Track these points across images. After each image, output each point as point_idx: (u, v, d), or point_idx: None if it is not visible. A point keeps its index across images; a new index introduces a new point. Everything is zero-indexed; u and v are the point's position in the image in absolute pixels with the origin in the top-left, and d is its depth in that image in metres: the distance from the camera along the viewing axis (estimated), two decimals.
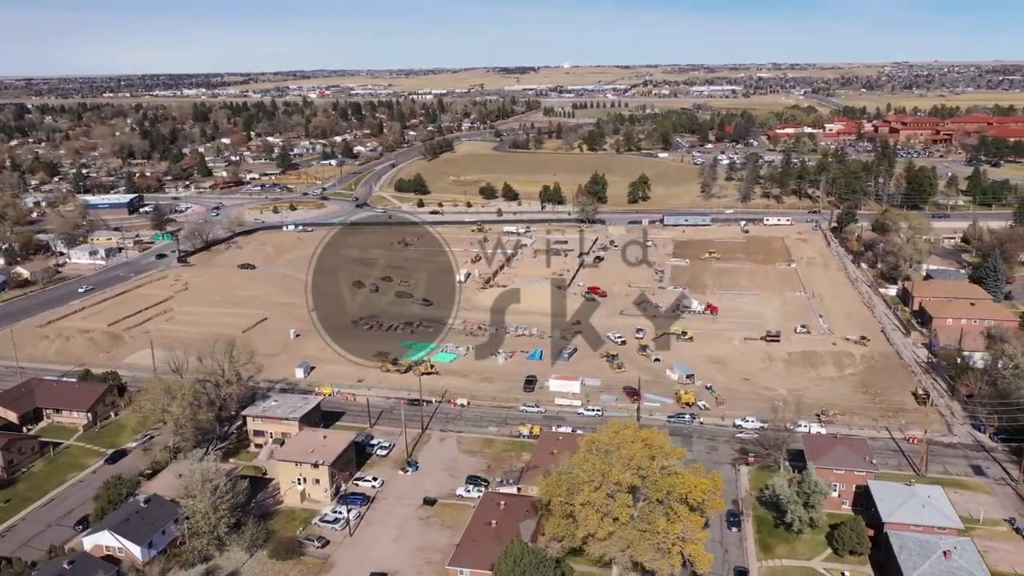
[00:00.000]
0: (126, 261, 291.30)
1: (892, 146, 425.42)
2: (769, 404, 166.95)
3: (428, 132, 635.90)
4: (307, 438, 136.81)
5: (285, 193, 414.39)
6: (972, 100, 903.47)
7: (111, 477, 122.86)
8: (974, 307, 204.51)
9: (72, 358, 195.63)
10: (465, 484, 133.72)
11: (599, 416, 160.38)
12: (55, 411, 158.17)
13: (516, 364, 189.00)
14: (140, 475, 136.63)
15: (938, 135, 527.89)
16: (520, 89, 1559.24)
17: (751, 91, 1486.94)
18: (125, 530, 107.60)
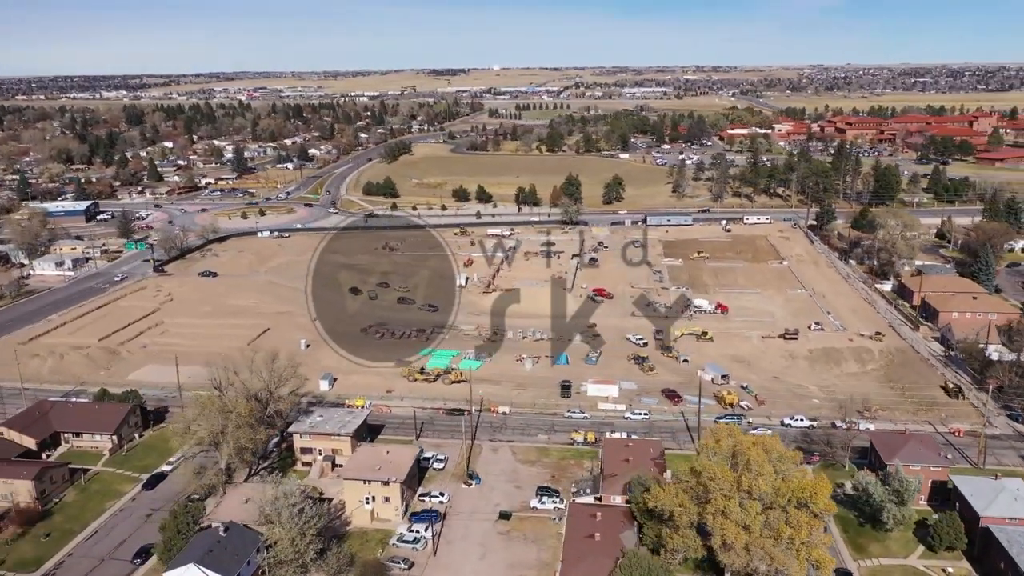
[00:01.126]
0: (96, 272, 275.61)
1: (848, 146, 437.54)
2: (807, 402, 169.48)
3: (380, 135, 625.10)
4: (369, 454, 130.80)
5: (248, 198, 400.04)
6: (893, 101, 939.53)
7: (177, 505, 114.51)
8: (976, 301, 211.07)
9: (70, 376, 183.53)
10: (536, 496, 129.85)
11: (646, 419, 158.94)
12: (75, 435, 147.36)
13: (544, 369, 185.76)
14: (188, 500, 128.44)
15: (882, 135, 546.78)
16: (454, 91, 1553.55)
17: (682, 92, 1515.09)
18: (210, 562, 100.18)
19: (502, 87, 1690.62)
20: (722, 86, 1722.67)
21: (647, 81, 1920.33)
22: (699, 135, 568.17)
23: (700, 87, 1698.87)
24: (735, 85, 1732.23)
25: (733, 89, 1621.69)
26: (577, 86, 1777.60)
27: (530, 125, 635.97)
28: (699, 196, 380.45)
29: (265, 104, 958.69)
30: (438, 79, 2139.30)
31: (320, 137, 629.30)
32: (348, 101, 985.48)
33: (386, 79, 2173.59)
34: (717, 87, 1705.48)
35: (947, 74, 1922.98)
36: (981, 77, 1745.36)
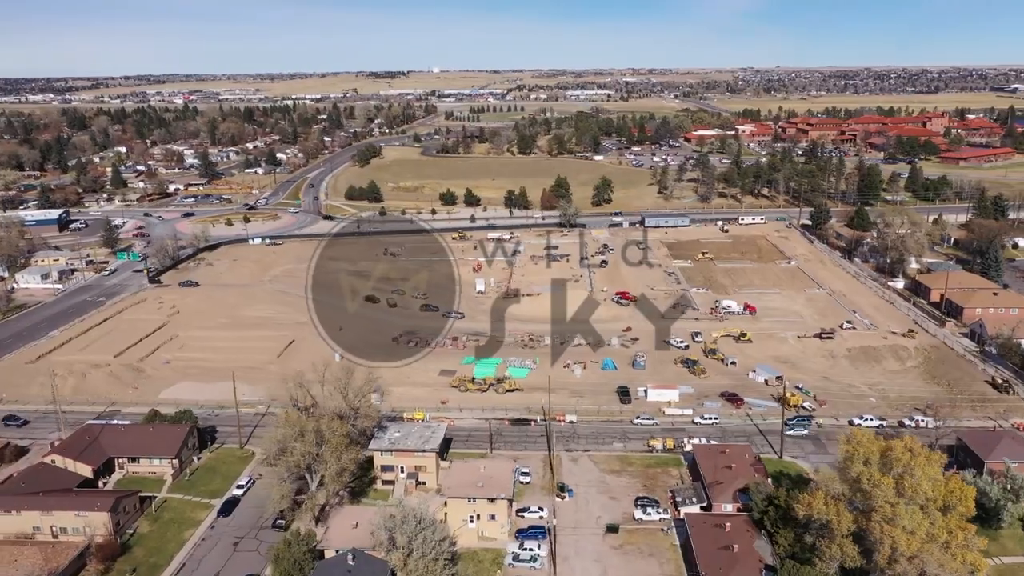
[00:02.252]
0: (86, 284, 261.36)
1: (822, 147, 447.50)
2: (864, 401, 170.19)
3: (344, 138, 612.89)
4: (465, 470, 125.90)
5: (225, 204, 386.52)
6: (831, 102, 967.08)
7: (290, 535, 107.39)
8: (997, 297, 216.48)
9: (96, 396, 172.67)
10: (638, 507, 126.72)
11: (715, 424, 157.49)
12: (130, 460, 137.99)
13: (594, 375, 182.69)
14: (275, 525, 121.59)
15: (843, 135, 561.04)
16: (397, 93, 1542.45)
17: (627, 95, 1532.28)
18: None
19: (446, 90, 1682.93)
20: (662, 88, 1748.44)
21: (588, 84, 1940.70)
22: (666, 137, 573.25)
23: (641, 89, 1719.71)
24: (675, 87, 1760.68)
25: (674, 91, 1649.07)
26: (520, 88, 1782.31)
27: (496, 128, 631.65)
28: (686, 197, 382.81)
29: (213, 107, 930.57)
30: (378, 81, 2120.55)
31: (282, 141, 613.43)
32: (301, 104, 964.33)
33: (325, 82, 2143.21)
34: (657, 89, 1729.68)
35: (874, 76, 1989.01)
36: (906, 79, 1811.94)
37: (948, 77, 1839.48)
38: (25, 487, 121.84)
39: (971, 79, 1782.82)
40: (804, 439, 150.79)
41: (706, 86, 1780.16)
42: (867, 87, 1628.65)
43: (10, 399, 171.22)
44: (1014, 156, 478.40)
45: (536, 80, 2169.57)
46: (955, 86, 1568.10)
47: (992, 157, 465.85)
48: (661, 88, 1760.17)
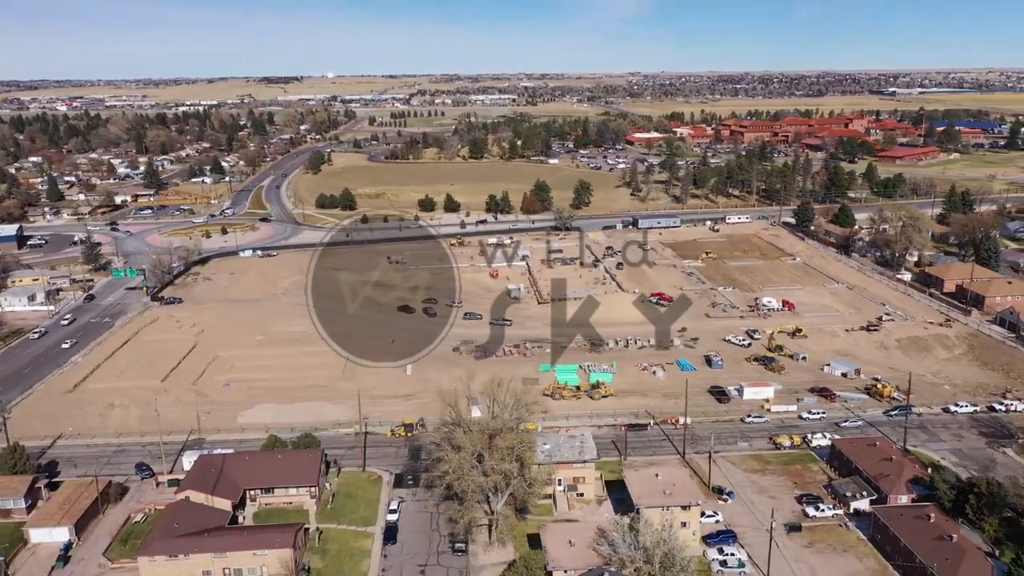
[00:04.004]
0: (79, 305, 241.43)
1: (766, 147, 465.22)
2: (939, 389, 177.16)
3: (282, 145, 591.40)
4: (642, 479, 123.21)
5: (188, 216, 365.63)
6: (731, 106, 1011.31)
7: (519, 558, 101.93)
8: (1011, 285, 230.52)
9: (170, 425, 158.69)
10: (806, 504, 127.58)
11: (823, 418, 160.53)
12: (264, 491, 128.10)
13: (677, 376, 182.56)
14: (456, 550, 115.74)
15: (776, 136, 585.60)
16: (297, 99, 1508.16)
17: (533, 99, 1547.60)
18: None
19: (346, 95, 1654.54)
20: (562, 92, 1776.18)
21: (488, 88, 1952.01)
22: (612, 140, 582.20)
23: (543, 94, 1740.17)
24: (573, 91, 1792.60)
25: (576, 95, 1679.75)
26: (422, 93, 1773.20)
27: (437, 133, 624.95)
28: (660, 199, 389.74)
29: (116, 114, 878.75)
30: (272, 87, 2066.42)
31: (215, 148, 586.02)
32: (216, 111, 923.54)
33: (215, 87, 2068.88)
34: (558, 94, 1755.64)
35: (757, 81, 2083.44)
36: (787, 84, 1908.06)
37: (825, 81, 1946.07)
38: (180, 528, 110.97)
39: (846, 83, 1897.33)
40: (914, 428, 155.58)
41: (603, 90, 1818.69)
42: (754, 91, 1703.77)
43: (74, 432, 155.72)
44: (939, 155, 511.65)
45: (434, 85, 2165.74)
46: (834, 90, 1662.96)
47: (923, 156, 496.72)
48: (561, 92, 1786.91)
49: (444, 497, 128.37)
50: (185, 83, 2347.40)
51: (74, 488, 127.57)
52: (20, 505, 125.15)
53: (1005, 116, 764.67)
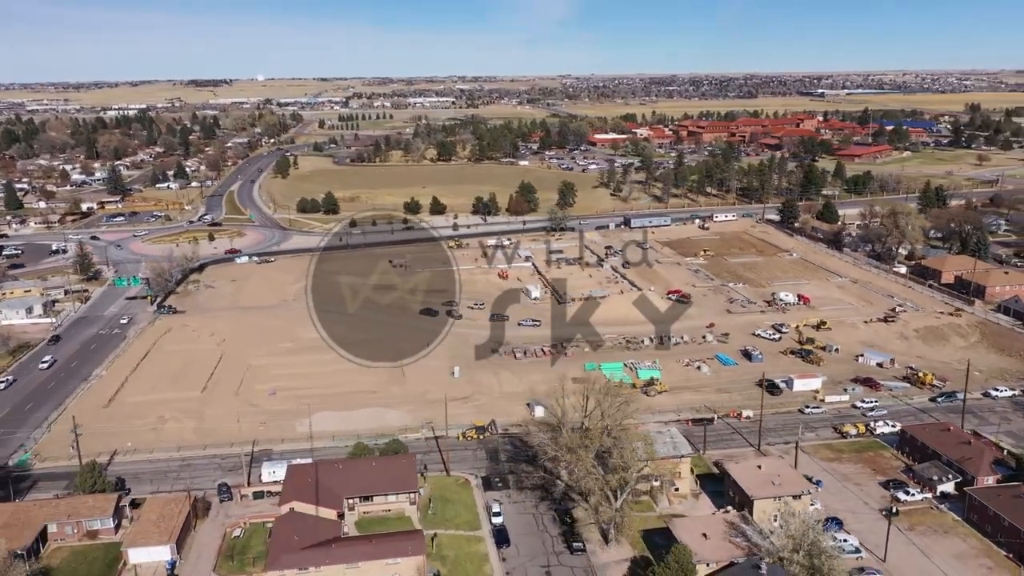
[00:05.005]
0: (82, 316, 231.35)
1: (734, 147, 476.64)
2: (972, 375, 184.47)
3: (242, 149, 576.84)
4: (747, 471, 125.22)
5: (165, 222, 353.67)
6: (672, 107, 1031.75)
7: (672, 552, 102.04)
8: (1009, 275, 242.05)
9: (225, 437, 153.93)
10: (891, 490, 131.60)
11: (875, 407, 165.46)
12: (362, 499, 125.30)
13: (722, 371, 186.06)
14: (573, 550, 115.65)
15: (733, 136, 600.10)
16: (230, 102, 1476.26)
17: (473, 102, 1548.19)
18: None
19: (281, 98, 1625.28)
20: (500, 95, 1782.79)
21: (425, 91, 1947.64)
22: (576, 142, 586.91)
23: (481, 96, 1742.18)
24: (512, 94, 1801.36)
25: (515, 98, 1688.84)
26: (358, 96, 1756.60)
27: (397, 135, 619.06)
28: (641, 199, 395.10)
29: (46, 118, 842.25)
30: (201, 90, 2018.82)
31: (169, 153, 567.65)
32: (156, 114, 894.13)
33: (140, 91, 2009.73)
34: (496, 96, 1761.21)
35: (688, 83, 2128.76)
36: (718, 85, 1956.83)
37: (753, 83, 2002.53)
38: (300, 541, 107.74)
39: (773, 85, 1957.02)
40: (953, 412, 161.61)
41: (539, 92, 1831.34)
42: (686, 92, 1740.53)
43: (131, 448, 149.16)
44: (892, 153, 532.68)
45: (368, 88, 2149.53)
46: (763, 91, 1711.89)
47: (878, 154, 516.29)
48: (499, 95, 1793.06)
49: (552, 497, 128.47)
50: (107, 86, 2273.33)
51: (161, 505, 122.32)
52: (108, 525, 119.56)
53: (939, 116, 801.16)
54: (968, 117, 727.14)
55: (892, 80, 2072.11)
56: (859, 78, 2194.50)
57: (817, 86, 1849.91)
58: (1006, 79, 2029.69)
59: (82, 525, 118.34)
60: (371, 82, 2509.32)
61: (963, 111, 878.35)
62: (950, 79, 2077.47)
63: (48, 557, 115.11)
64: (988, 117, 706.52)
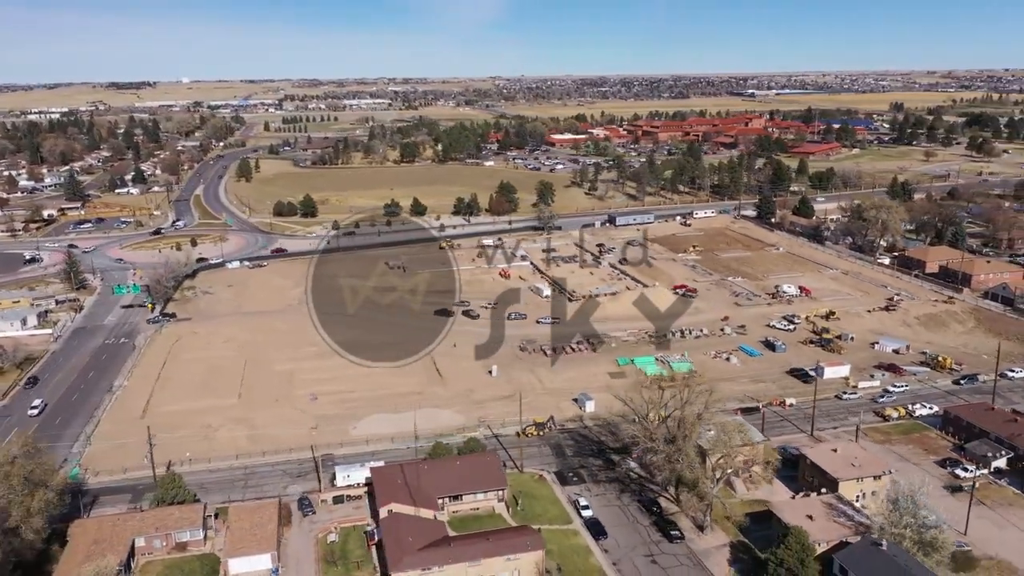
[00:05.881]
0: (81, 327, 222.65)
1: (694, 146, 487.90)
2: (978, 359, 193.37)
3: (196, 152, 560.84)
4: (824, 453, 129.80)
5: (137, 228, 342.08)
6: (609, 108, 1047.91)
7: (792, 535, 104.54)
8: (991, 264, 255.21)
9: (282, 444, 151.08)
10: (948, 467, 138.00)
11: (905, 391, 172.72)
12: (451, 498, 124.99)
13: (751, 362, 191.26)
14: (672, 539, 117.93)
15: (687, 135, 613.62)
16: (158, 105, 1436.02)
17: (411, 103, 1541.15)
18: None
19: (211, 101, 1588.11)
20: (435, 96, 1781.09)
21: (359, 93, 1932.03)
22: (536, 142, 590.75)
23: (415, 98, 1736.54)
24: (447, 95, 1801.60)
25: (452, 99, 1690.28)
26: (291, 99, 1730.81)
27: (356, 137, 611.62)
28: (616, 197, 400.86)
29: None
30: (123, 93, 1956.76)
31: (113, 157, 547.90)
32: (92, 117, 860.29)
33: (58, 93, 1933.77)
34: (431, 97, 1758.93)
35: (620, 84, 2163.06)
36: (649, 86, 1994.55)
37: (682, 84, 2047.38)
38: (414, 542, 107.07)
39: (702, 85, 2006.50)
40: (979, 392, 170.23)
41: (474, 93, 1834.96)
42: (619, 93, 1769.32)
43: (189, 458, 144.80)
44: (841, 150, 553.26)
45: (298, 90, 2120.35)
46: (694, 92, 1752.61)
47: (830, 152, 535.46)
48: (434, 96, 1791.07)
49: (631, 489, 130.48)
50: (22, 89, 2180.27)
51: (249, 513, 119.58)
52: (198, 536, 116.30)
53: (872, 115, 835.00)
54: (901, 116, 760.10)
55: (814, 81, 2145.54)
56: (783, 79, 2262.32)
57: (744, 87, 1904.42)
58: (919, 79, 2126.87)
59: (171, 537, 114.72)
60: (300, 84, 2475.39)
61: (889, 110, 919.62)
62: (867, 79, 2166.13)
63: (141, 571, 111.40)
64: (917, 116, 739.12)
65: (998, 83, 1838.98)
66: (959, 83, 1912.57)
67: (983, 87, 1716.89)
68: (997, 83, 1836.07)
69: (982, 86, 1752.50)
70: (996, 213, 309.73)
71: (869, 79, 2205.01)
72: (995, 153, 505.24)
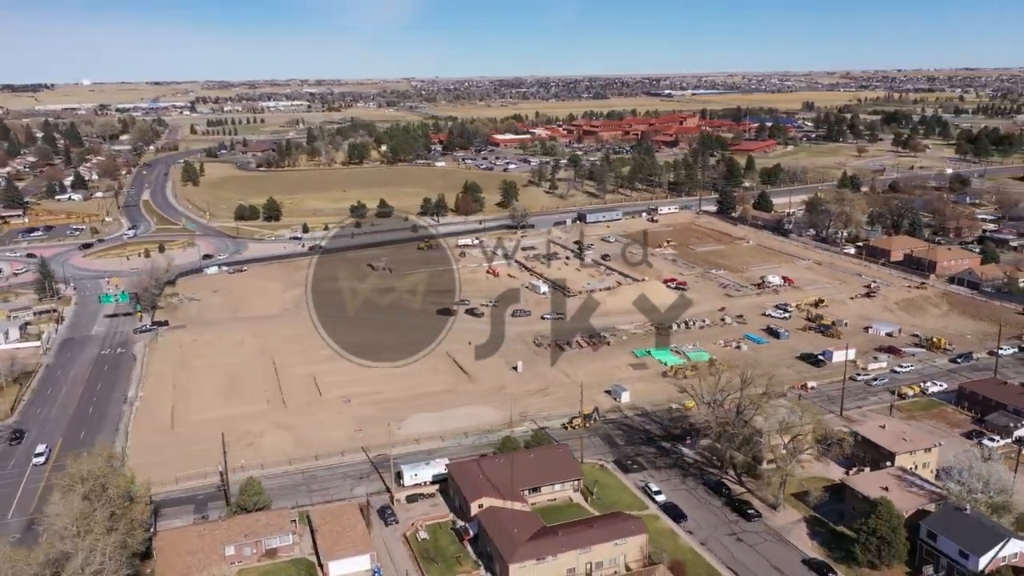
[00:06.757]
0: (70, 338, 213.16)
1: (649, 145, 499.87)
2: (962, 339, 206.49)
3: (132, 157, 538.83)
4: (872, 430, 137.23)
5: (92, 235, 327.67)
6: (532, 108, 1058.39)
7: (881, 503, 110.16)
8: (952, 251, 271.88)
9: (333, 447, 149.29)
10: (974, 439, 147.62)
11: (911, 371, 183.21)
12: (531, 491, 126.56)
13: (761, 350, 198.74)
14: (750, 518, 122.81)
15: (627, 134, 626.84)
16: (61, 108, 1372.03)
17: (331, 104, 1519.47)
18: None
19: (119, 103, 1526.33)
20: (354, 98, 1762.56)
21: (274, 95, 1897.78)
22: (482, 142, 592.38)
23: (334, 99, 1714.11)
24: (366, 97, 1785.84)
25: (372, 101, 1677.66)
26: (204, 101, 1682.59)
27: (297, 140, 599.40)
28: (576, 195, 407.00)
29: None
30: (19, 96, 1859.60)
31: (39, 162, 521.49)
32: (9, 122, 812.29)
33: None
34: (350, 99, 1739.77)
35: (537, 84, 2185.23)
36: (566, 87, 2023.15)
37: (598, 85, 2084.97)
38: (520, 533, 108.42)
39: (616, 86, 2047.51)
40: (982, 369, 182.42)
41: (393, 95, 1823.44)
42: (537, 94, 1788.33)
43: (242, 466, 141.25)
44: (776, 147, 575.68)
45: (208, 91, 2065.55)
46: (610, 92, 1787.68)
47: (767, 149, 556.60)
48: (352, 98, 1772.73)
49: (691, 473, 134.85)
50: None
51: (332, 516, 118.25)
52: (288, 542, 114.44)
53: (792, 114, 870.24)
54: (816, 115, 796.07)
55: (723, 81, 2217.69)
56: (693, 79, 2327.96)
57: (659, 87, 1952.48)
58: (820, 79, 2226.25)
59: (261, 544, 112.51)
60: (210, 86, 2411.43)
61: (802, 109, 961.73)
62: (773, 80, 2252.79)
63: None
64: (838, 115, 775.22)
65: (893, 83, 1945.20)
66: (858, 83, 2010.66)
67: (880, 87, 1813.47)
68: (892, 83, 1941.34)
69: (879, 86, 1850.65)
70: (940, 204, 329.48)
71: (774, 79, 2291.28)
72: (920, 148, 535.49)
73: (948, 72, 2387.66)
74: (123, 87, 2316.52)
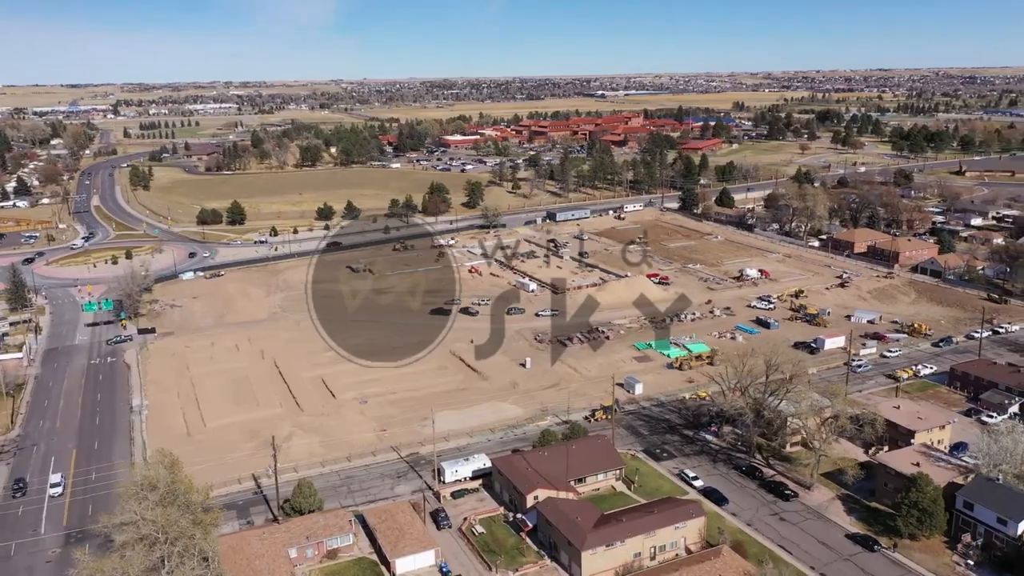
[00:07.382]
0: (50, 348, 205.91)
1: (606, 144, 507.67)
2: (936, 324, 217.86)
3: (71, 162, 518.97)
4: (888, 409, 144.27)
5: (49, 243, 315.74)
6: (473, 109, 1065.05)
7: (921, 480, 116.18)
8: (911, 243, 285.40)
9: (364, 448, 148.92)
10: (973, 416, 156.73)
11: (900, 355, 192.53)
12: (576, 481, 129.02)
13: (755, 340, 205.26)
14: (787, 497, 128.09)
15: (576, 134, 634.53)
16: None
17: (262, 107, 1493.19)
18: None
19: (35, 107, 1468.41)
20: (284, 100, 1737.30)
21: (201, 97, 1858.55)
22: (433, 144, 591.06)
23: (264, 102, 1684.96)
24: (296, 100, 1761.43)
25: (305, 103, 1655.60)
26: (126, 104, 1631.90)
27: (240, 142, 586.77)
28: (540, 194, 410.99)
29: None
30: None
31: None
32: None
33: None
34: (280, 101, 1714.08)
35: (469, 86, 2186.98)
36: (498, 88, 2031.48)
37: (529, 86, 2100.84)
38: (583, 521, 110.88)
39: (549, 87, 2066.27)
40: (965, 351, 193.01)
41: (324, 96, 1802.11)
42: (472, 96, 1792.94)
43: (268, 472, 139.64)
44: (722, 145, 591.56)
45: (127, 94, 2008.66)
46: (544, 93, 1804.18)
47: (714, 147, 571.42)
48: (282, 100, 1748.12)
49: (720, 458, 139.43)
50: None
51: (387, 515, 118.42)
52: (348, 542, 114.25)
53: (727, 113, 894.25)
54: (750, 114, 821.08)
55: (653, 82, 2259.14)
56: (623, 80, 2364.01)
57: (590, 88, 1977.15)
58: (743, 80, 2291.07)
59: (323, 545, 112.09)
60: (129, 88, 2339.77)
61: (733, 109, 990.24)
62: (699, 80, 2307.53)
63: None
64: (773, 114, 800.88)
65: (813, 83, 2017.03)
66: (779, 83, 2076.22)
67: (801, 87, 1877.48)
68: (812, 83, 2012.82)
69: (800, 86, 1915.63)
70: (891, 198, 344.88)
71: (701, 80, 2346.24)
72: (858, 145, 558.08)
73: (863, 72, 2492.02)
74: (37, 90, 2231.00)
